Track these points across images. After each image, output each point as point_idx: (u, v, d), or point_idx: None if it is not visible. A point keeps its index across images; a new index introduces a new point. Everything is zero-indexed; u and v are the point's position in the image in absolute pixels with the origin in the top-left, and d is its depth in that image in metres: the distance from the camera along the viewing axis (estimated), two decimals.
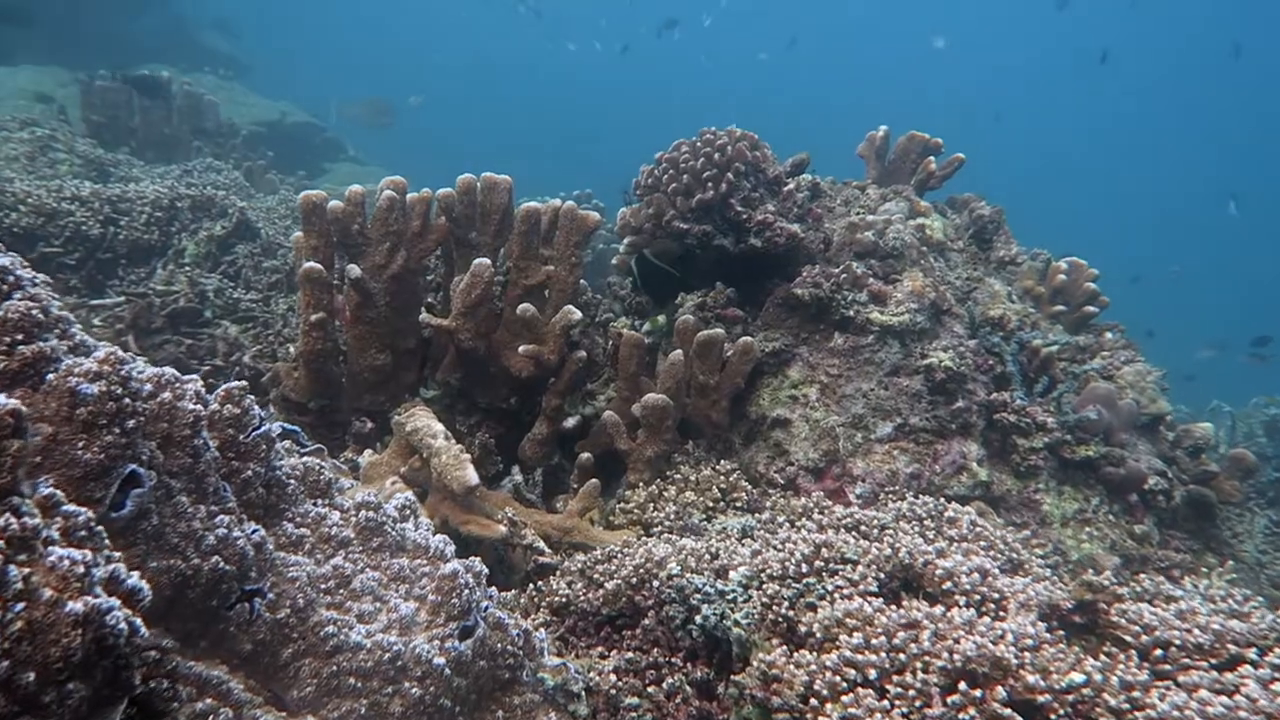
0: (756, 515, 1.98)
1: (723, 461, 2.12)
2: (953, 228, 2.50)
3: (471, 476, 1.77)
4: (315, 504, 1.33)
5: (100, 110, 4.23)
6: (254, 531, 0.99)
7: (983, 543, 1.60)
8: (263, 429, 1.15)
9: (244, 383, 1.10)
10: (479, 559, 1.15)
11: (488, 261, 2.03)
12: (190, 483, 0.97)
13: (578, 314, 2.08)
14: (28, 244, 2.83)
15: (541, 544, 1.82)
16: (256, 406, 1.15)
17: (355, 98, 5.35)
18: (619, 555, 1.72)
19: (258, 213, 3.87)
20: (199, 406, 0.99)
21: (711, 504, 2.01)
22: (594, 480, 1.96)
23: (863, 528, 1.62)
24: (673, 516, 1.95)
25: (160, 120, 4.39)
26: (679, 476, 2.07)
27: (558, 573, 1.71)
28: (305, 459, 1.94)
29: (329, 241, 2.04)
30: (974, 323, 2.27)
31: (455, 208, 2.13)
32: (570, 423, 2.18)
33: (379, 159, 9.01)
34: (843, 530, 1.64)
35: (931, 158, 2.55)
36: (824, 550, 1.44)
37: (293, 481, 1.25)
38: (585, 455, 2.09)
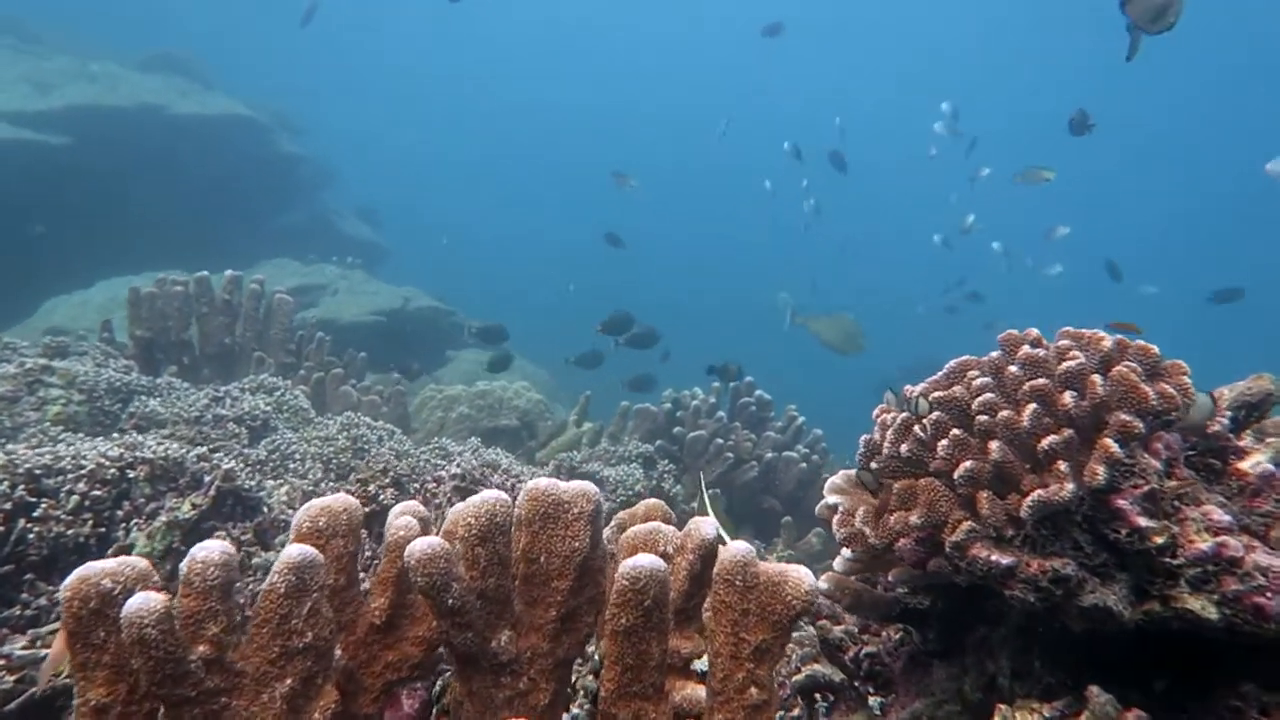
0: None
1: None
2: None
3: None
4: None
5: (147, 323, 3.45)
6: None
7: None
8: None
9: None
10: None
11: None
12: None
13: None
14: None
15: None
16: None
17: (819, 313, 4.63)
18: None
19: (296, 447, 2.83)
20: None
21: None
22: None
23: None
24: None
25: (219, 330, 3.57)
26: None
27: None
28: None
29: (134, 688, 0.81)
30: None
31: (453, 583, 0.86)
32: None
33: (515, 344, 8.21)
34: None
35: None
36: None
37: None
38: None
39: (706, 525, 0.98)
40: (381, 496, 2.16)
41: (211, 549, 0.80)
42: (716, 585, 0.89)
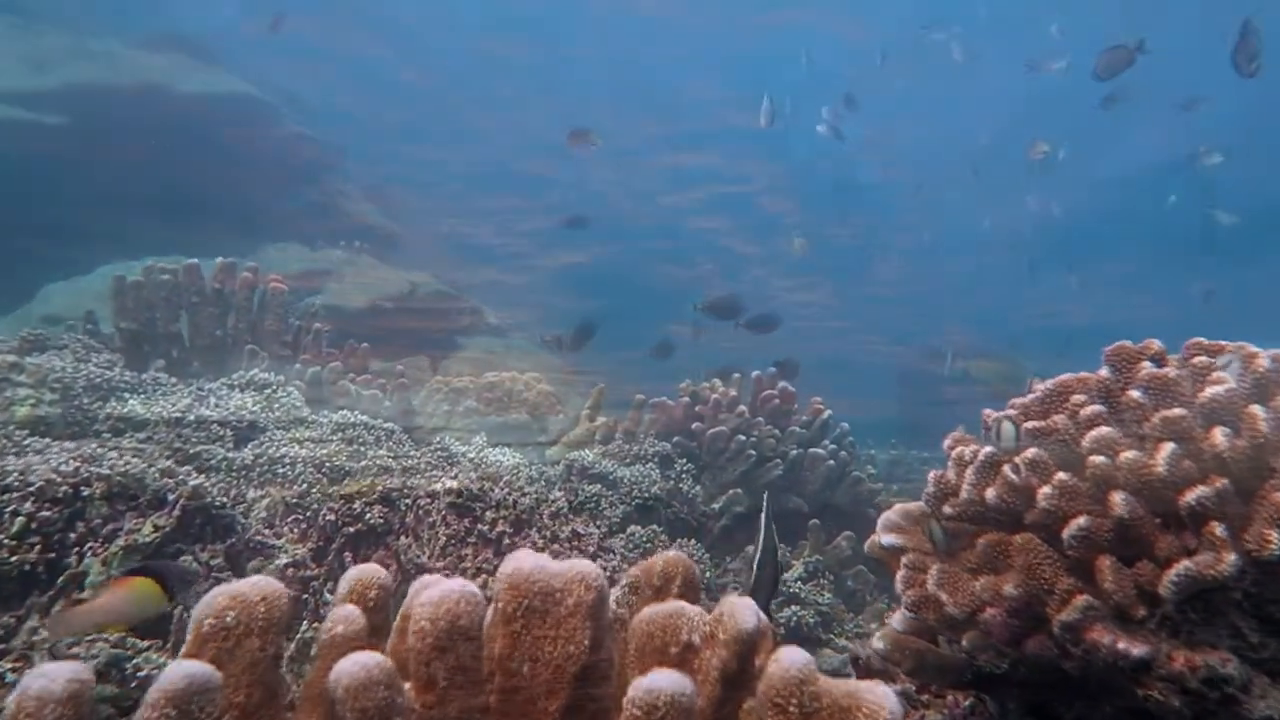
0: None
1: None
2: None
3: None
4: None
5: (133, 315, 3.25)
6: None
7: None
8: None
9: None
10: None
11: None
12: None
13: None
14: None
15: None
16: None
17: (980, 352, 4.47)
18: None
19: (286, 450, 2.61)
20: None
21: None
22: None
23: None
24: None
25: (210, 321, 3.35)
26: None
27: None
28: None
29: None
30: None
31: (397, 718, 0.62)
32: None
33: (528, 330, 7.97)
34: None
35: None
36: None
37: None
38: None
39: (744, 611, 0.74)
40: (369, 515, 1.94)
41: (54, 676, 0.57)
42: (764, 709, 0.65)
